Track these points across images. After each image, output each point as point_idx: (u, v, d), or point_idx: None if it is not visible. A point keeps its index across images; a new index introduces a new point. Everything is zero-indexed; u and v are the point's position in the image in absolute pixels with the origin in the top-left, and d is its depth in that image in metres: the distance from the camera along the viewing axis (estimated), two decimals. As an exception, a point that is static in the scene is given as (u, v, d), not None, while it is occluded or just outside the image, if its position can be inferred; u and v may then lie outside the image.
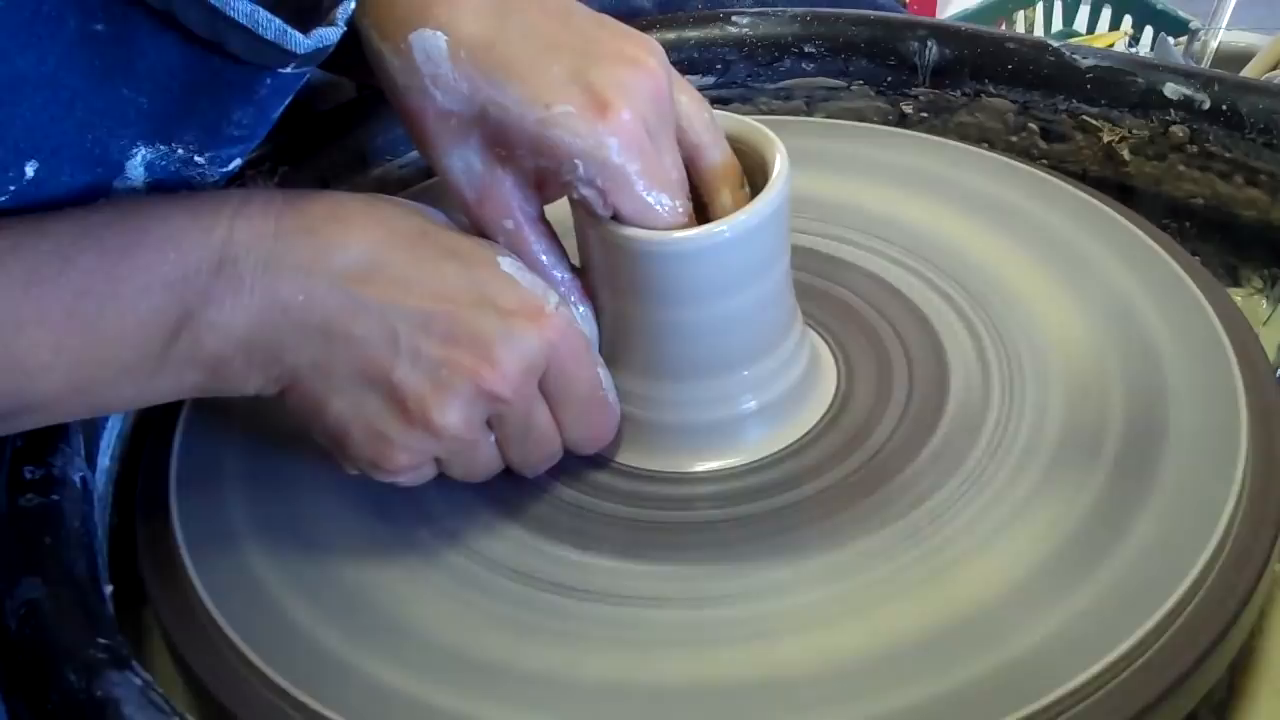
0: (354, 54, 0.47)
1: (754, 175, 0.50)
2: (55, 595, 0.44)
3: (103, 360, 0.44)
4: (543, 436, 0.49)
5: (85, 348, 0.43)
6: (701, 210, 0.50)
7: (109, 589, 0.47)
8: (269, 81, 0.46)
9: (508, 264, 0.47)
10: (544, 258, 0.49)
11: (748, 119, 0.52)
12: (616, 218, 0.47)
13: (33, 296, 0.42)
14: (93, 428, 0.54)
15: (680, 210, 0.47)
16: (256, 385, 0.46)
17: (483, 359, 0.45)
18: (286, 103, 0.48)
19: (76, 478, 0.50)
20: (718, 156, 0.50)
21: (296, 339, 0.45)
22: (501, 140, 0.46)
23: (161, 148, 0.45)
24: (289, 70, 0.45)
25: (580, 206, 0.48)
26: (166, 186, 0.46)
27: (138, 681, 0.41)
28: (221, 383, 0.46)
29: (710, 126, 0.50)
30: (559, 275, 0.50)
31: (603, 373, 0.50)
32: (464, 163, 0.47)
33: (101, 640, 0.42)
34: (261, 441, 0.56)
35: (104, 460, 0.56)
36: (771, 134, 0.50)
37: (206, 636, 0.48)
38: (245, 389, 0.46)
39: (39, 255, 0.42)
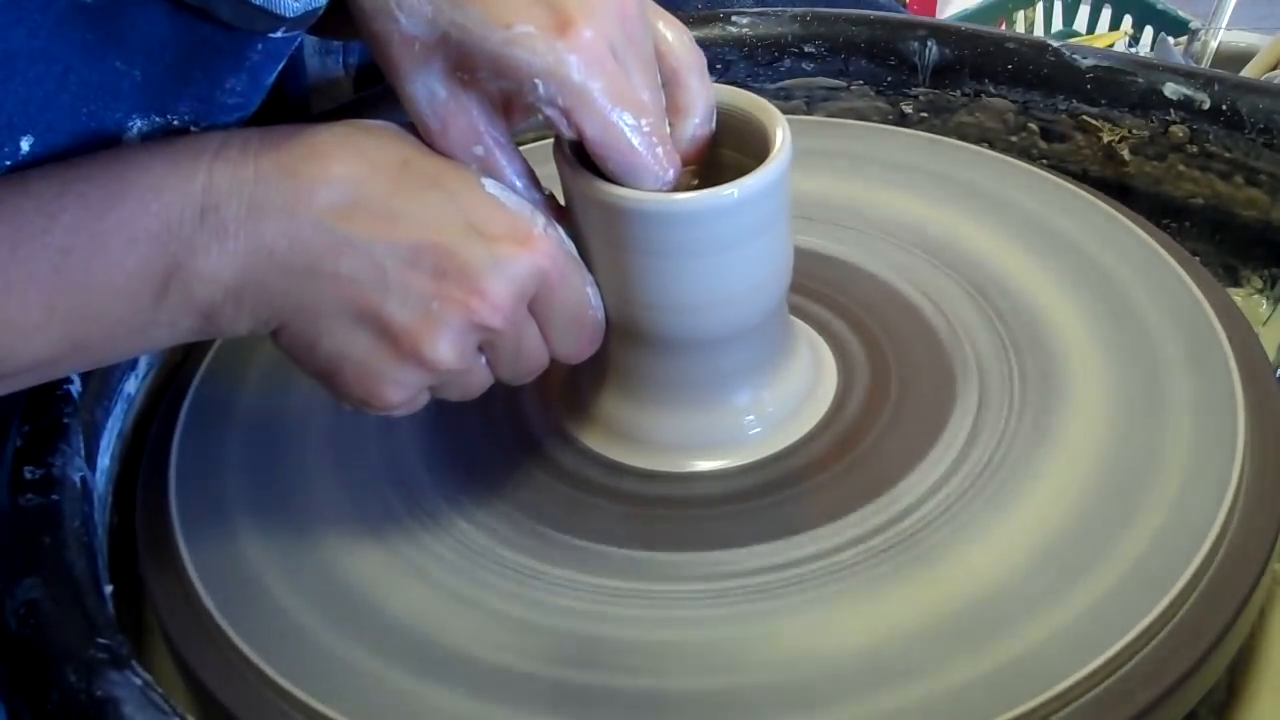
0: (331, 9, 0.47)
1: (754, 148, 0.49)
2: (55, 595, 0.44)
3: (95, 316, 0.43)
4: (532, 353, 0.48)
5: (76, 305, 0.43)
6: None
7: (109, 589, 0.47)
8: (260, 47, 0.45)
9: (492, 185, 0.47)
10: (518, 182, 0.48)
11: (747, 92, 0.52)
12: (581, 140, 0.45)
13: (20, 257, 0.42)
14: (93, 428, 0.54)
15: (647, 130, 0.46)
16: (248, 327, 0.46)
17: (473, 290, 0.44)
18: (279, 68, 0.48)
19: (76, 478, 0.50)
20: (695, 82, 0.49)
21: (284, 282, 0.44)
22: (464, 63, 0.45)
23: (157, 120, 0.45)
24: (280, 35, 0.45)
25: (564, 161, 0.48)
26: None
27: (138, 681, 0.41)
28: (214, 327, 0.46)
29: (691, 51, 0.49)
30: (535, 197, 0.49)
31: (591, 291, 0.49)
32: (427, 90, 0.46)
33: (101, 640, 0.42)
34: (261, 435, 0.56)
35: (104, 460, 0.56)
36: (771, 106, 0.50)
37: (203, 631, 0.48)
38: (238, 331, 0.46)
39: (22, 215, 0.42)
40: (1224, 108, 0.65)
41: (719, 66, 0.76)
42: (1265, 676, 0.50)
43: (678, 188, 0.47)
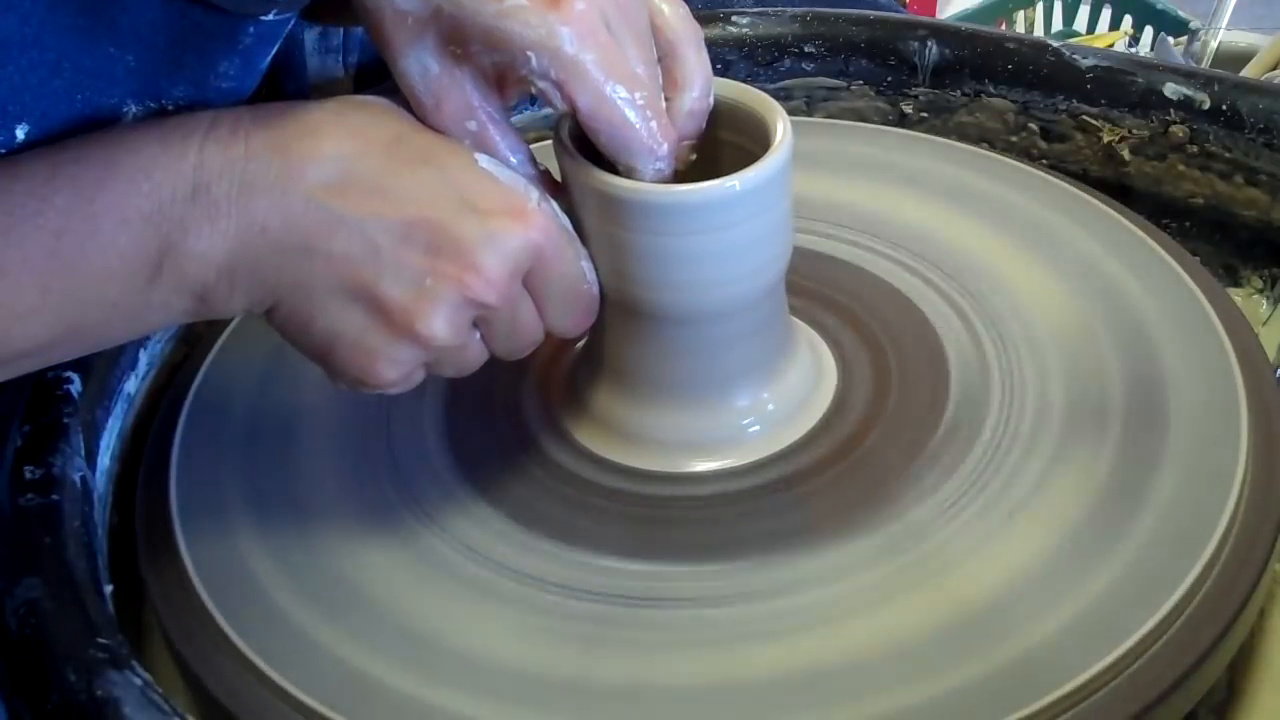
0: None
1: (753, 135, 0.49)
2: (55, 595, 0.44)
3: (90, 299, 0.43)
4: (527, 329, 0.48)
5: (71, 287, 0.43)
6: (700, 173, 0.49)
7: (109, 589, 0.47)
8: (252, 30, 0.45)
9: (486, 161, 0.46)
10: (512, 157, 0.48)
11: (745, 85, 0.51)
12: (575, 114, 0.45)
13: (13, 241, 0.41)
14: (93, 428, 0.54)
15: (641, 103, 0.45)
16: (242, 307, 0.46)
17: (467, 266, 0.44)
18: (273, 51, 0.48)
19: (76, 478, 0.50)
20: (692, 56, 0.49)
21: (277, 260, 0.44)
22: (456, 37, 0.45)
23: (151, 104, 0.45)
24: (271, 17, 0.45)
25: (562, 150, 0.47)
26: None
27: (138, 681, 0.41)
28: (208, 308, 0.45)
29: (688, 24, 0.49)
30: (530, 172, 0.48)
31: (586, 265, 0.49)
32: (420, 65, 0.46)
33: (101, 640, 0.42)
34: (261, 434, 0.56)
35: (104, 460, 0.55)
36: (770, 98, 0.50)
37: (203, 631, 0.48)
38: (233, 311, 0.46)
39: (13, 199, 0.42)
40: (1224, 108, 0.65)
41: (719, 66, 0.75)
42: (1265, 676, 0.50)
43: (676, 165, 0.47)
